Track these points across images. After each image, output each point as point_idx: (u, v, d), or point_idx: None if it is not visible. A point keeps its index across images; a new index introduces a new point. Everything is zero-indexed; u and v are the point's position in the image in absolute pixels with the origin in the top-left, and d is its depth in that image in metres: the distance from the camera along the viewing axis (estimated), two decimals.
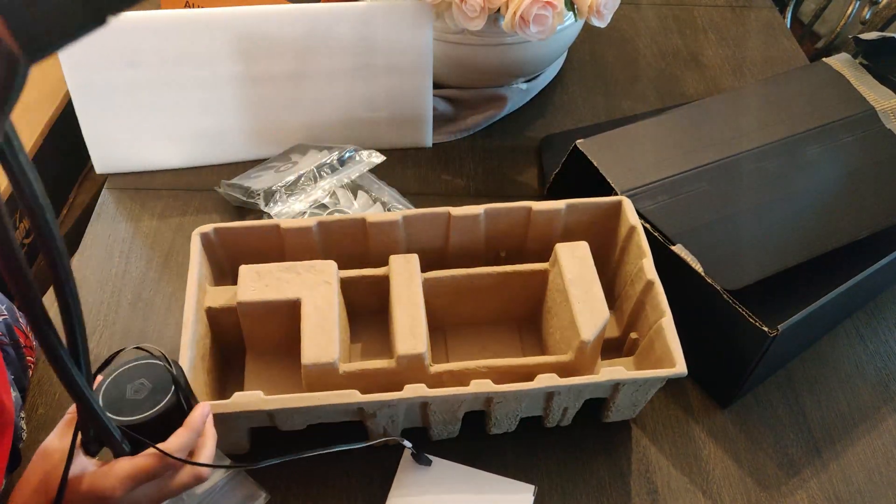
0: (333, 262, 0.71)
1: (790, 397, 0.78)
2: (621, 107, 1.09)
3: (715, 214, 0.79)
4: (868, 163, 0.87)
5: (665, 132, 0.88)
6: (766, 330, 0.66)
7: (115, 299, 0.84)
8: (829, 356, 0.82)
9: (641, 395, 0.69)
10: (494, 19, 0.87)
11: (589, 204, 0.77)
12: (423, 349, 0.65)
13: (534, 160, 1.01)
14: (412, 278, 0.70)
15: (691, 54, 1.19)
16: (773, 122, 0.89)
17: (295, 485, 0.70)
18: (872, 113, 0.91)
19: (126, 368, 0.55)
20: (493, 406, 0.67)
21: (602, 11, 0.89)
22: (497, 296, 0.76)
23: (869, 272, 0.73)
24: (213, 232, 0.74)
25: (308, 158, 0.91)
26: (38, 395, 0.76)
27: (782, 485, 0.72)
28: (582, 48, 1.17)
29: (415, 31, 0.90)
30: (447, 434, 0.71)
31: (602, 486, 0.71)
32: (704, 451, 0.74)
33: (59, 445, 0.51)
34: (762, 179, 0.84)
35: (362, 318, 0.78)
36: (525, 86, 1.06)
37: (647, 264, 0.71)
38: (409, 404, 0.65)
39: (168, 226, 0.92)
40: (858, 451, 0.74)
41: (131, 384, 0.54)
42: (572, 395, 0.67)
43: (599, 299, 0.68)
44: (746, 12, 1.28)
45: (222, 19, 0.88)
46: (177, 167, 0.98)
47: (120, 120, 0.93)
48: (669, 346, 0.65)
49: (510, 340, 0.79)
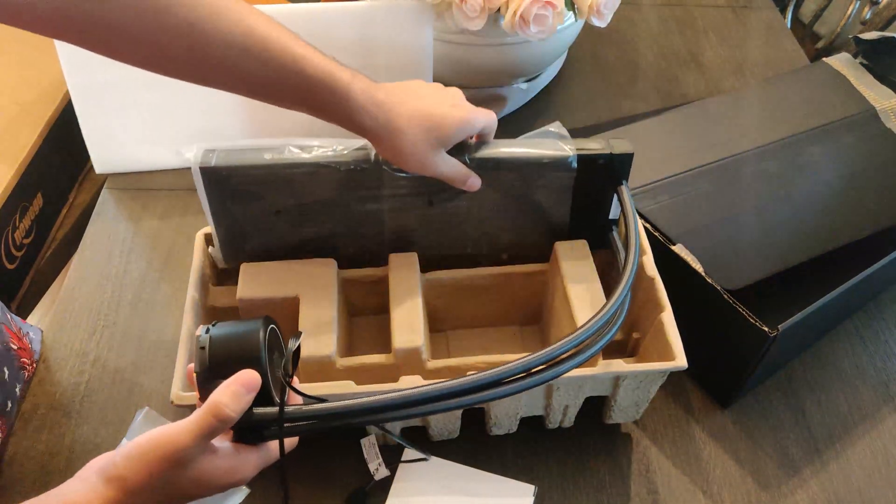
0: (333, 261, 0.71)
1: (790, 397, 0.78)
2: (621, 107, 1.09)
3: (715, 214, 0.79)
4: (868, 163, 0.87)
5: (665, 132, 0.88)
6: (766, 330, 0.66)
7: (115, 299, 0.84)
8: (829, 356, 0.82)
9: (643, 393, 0.69)
10: (494, 19, 0.87)
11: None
12: (419, 343, 0.65)
13: None
14: (411, 275, 0.70)
15: (692, 55, 1.19)
16: (773, 122, 0.89)
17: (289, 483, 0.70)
18: (873, 113, 0.91)
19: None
20: (490, 403, 0.67)
21: (602, 11, 0.89)
22: (498, 296, 0.76)
23: (869, 272, 0.73)
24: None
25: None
26: (39, 395, 0.76)
27: (782, 485, 0.72)
28: (582, 48, 1.17)
29: (415, 31, 0.90)
30: (447, 434, 0.71)
31: (602, 486, 0.71)
32: (704, 451, 0.74)
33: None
34: (762, 179, 0.84)
35: (363, 319, 0.78)
36: (525, 86, 1.06)
37: (648, 261, 0.71)
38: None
39: (168, 226, 0.92)
40: (858, 451, 0.74)
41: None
42: (572, 391, 0.67)
43: (599, 297, 0.68)
44: (747, 13, 1.28)
45: None
46: (177, 167, 0.98)
47: (120, 120, 0.93)
48: (669, 340, 0.65)
49: (512, 341, 0.79)
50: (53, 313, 0.83)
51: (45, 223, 1.09)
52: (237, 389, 0.48)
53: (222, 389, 0.48)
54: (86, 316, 0.83)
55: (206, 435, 0.47)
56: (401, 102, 0.62)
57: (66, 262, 1.10)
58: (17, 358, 0.75)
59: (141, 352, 0.80)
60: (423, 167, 0.64)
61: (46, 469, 0.70)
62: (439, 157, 0.64)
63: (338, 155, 0.66)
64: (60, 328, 0.82)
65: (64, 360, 0.79)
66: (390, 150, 0.63)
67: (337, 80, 0.59)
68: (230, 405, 0.47)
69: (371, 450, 0.71)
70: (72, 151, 1.06)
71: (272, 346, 0.52)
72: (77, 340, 0.81)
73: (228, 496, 0.68)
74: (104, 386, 0.77)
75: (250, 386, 0.49)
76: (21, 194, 1.02)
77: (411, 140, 0.62)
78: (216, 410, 0.47)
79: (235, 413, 0.48)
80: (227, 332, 0.51)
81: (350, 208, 0.70)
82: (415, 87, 0.65)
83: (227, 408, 0.47)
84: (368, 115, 0.60)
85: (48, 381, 0.77)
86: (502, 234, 0.74)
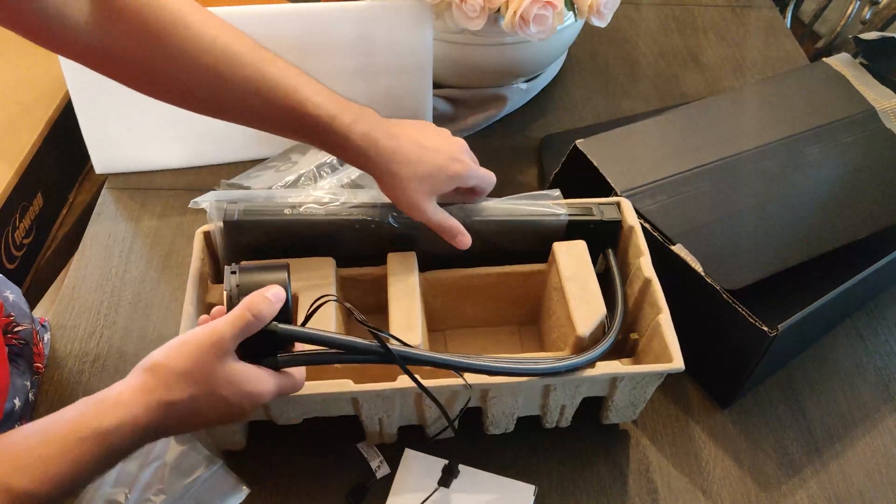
0: (331, 260, 0.72)
1: (790, 397, 0.78)
2: (621, 107, 1.09)
3: (715, 214, 0.79)
4: (868, 163, 0.87)
5: (665, 132, 0.88)
6: (766, 330, 0.66)
7: (115, 299, 0.84)
8: (829, 356, 0.82)
9: (640, 394, 0.69)
10: (494, 19, 0.87)
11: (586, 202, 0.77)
12: (417, 341, 0.65)
13: (534, 160, 1.01)
14: (409, 274, 0.71)
15: (691, 54, 1.19)
16: (773, 122, 0.89)
17: (283, 482, 0.70)
18: (872, 113, 0.91)
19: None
20: (488, 402, 0.67)
21: (602, 11, 0.89)
22: (496, 296, 0.76)
23: (869, 272, 0.73)
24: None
25: (308, 158, 0.91)
26: (39, 395, 0.76)
27: (782, 485, 0.72)
28: (582, 48, 1.17)
29: (415, 30, 0.90)
30: (444, 432, 0.71)
31: (602, 486, 0.71)
32: (704, 451, 0.74)
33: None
34: (762, 179, 0.84)
35: None
36: (525, 86, 1.06)
37: (645, 262, 0.71)
38: (404, 397, 0.65)
39: (168, 226, 0.92)
40: (858, 451, 0.74)
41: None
42: (569, 391, 0.67)
43: (596, 296, 0.69)
44: (746, 12, 1.28)
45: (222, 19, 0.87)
46: (177, 167, 0.98)
47: (120, 120, 0.93)
48: (667, 341, 0.65)
49: (510, 342, 0.79)
50: (53, 313, 0.83)
51: (45, 223, 1.10)
52: (268, 295, 0.54)
53: (255, 294, 0.54)
54: (86, 316, 0.83)
55: (242, 328, 0.52)
56: (400, 148, 0.66)
57: (66, 262, 1.10)
58: (34, 363, 0.76)
59: (141, 351, 0.79)
60: (413, 211, 0.68)
61: None
62: (430, 204, 0.68)
63: (354, 210, 0.71)
64: (60, 328, 0.82)
65: (64, 360, 0.79)
66: (384, 188, 0.68)
67: (337, 125, 0.64)
68: (263, 304, 0.53)
69: (370, 450, 0.71)
70: (72, 151, 1.06)
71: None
72: (77, 340, 0.81)
73: (228, 496, 0.68)
74: (104, 385, 0.76)
75: (278, 296, 0.54)
76: (21, 194, 1.03)
77: (403, 185, 0.66)
78: (252, 306, 0.53)
79: (268, 313, 0.53)
80: (256, 265, 0.58)
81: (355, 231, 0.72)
82: (419, 131, 0.69)
83: (261, 305, 0.53)
84: (365, 157, 0.65)
85: (48, 381, 0.77)
86: (502, 246, 0.75)
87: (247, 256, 0.71)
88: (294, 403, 0.66)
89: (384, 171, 0.66)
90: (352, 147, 0.65)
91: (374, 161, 0.65)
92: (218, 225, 0.70)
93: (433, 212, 0.68)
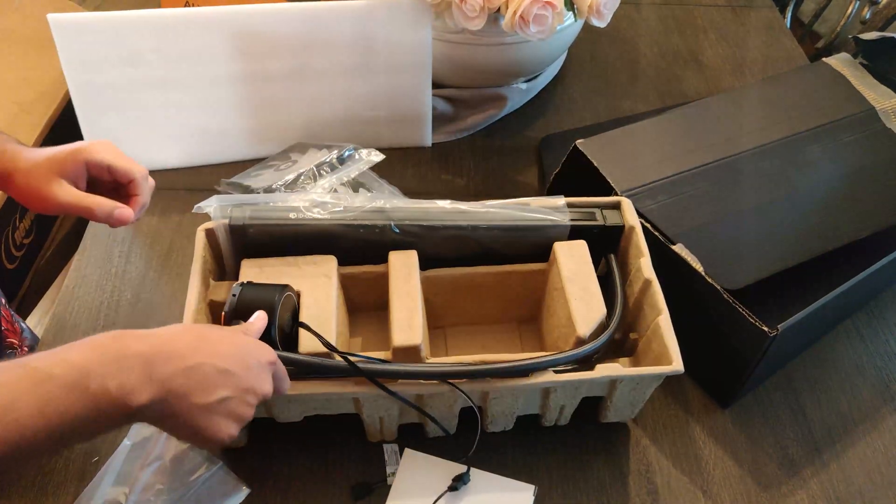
0: (333, 258, 0.72)
1: (790, 397, 0.78)
2: (621, 107, 1.09)
3: (715, 214, 0.79)
4: (868, 163, 0.87)
5: (665, 132, 0.88)
6: (766, 330, 0.66)
7: (115, 299, 0.84)
8: (829, 356, 0.82)
9: (639, 395, 0.69)
10: (494, 19, 0.87)
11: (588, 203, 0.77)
12: (418, 341, 0.65)
13: (534, 160, 1.01)
14: (410, 273, 0.71)
15: (691, 54, 1.19)
16: (773, 121, 0.89)
17: (283, 481, 0.70)
18: (873, 113, 0.91)
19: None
20: (488, 402, 0.67)
21: (602, 11, 0.89)
22: (496, 295, 0.76)
23: (869, 272, 0.72)
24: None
25: (308, 157, 0.91)
26: None
27: (782, 485, 0.72)
28: (582, 48, 1.17)
29: (414, 30, 0.90)
30: (443, 432, 0.71)
31: (602, 486, 0.71)
32: (704, 451, 0.74)
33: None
34: (762, 179, 0.83)
35: (363, 315, 0.78)
36: (525, 86, 1.06)
37: (645, 263, 0.71)
38: (405, 397, 0.65)
39: (168, 225, 0.92)
40: (858, 451, 0.74)
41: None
42: (569, 393, 0.67)
43: (596, 296, 0.69)
44: (746, 12, 1.28)
45: (222, 18, 0.88)
46: (177, 167, 0.98)
47: (120, 120, 0.93)
48: (666, 343, 0.65)
49: (510, 341, 0.79)
50: (53, 313, 0.83)
51: (45, 223, 1.09)
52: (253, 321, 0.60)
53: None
54: (86, 316, 0.83)
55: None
56: (27, 149, 0.65)
57: (66, 262, 1.10)
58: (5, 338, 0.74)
59: None
60: (44, 202, 0.63)
61: (44, 469, 0.70)
62: (60, 188, 0.63)
63: (356, 217, 0.71)
64: (61, 328, 0.82)
65: None
66: (13, 191, 0.65)
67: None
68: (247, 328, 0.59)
69: (392, 456, 0.71)
70: None
71: (286, 307, 0.64)
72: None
73: (229, 496, 0.68)
74: None
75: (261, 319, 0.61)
76: None
77: (27, 177, 0.63)
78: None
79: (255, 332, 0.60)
80: (255, 288, 0.65)
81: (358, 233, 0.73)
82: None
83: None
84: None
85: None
86: (503, 252, 0.75)
87: (251, 257, 0.72)
88: (295, 401, 0.66)
89: (12, 172, 0.63)
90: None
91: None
92: (223, 223, 0.70)
93: (64, 194, 0.63)
